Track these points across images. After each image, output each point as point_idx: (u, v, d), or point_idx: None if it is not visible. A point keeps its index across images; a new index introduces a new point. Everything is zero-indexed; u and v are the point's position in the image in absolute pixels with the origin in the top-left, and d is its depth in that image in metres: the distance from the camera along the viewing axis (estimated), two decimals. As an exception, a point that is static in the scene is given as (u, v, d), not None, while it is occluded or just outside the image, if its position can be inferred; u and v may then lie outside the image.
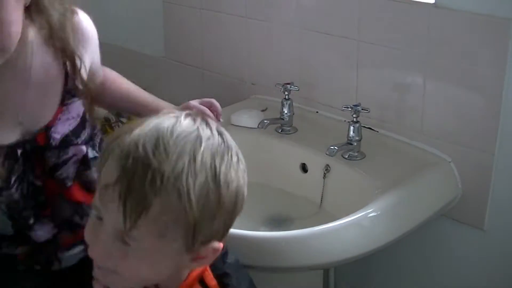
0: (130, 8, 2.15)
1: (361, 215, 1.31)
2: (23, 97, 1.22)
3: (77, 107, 1.29)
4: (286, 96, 1.64)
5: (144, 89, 2.18)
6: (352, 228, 1.31)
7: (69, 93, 1.26)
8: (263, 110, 1.74)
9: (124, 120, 2.20)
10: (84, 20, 1.30)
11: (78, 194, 1.32)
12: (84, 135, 1.32)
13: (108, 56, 2.27)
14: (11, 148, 1.22)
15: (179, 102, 2.10)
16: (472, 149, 1.46)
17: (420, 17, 1.46)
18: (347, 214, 1.32)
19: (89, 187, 1.31)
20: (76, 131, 1.29)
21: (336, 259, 1.32)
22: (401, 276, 1.70)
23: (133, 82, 2.20)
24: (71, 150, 1.29)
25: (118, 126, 2.19)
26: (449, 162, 1.50)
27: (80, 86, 1.27)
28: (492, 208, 1.47)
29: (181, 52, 2.02)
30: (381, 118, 1.59)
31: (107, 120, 2.16)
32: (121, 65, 2.26)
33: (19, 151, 1.23)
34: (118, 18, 2.20)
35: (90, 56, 1.32)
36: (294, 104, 1.65)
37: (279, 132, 1.66)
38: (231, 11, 1.83)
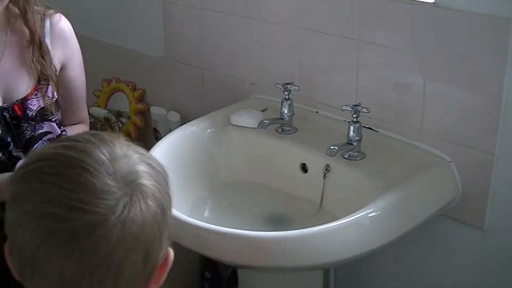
0: (130, 8, 2.15)
1: (361, 215, 1.31)
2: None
3: (53, 90, 1.45)
4: (286, 96, 1.63)
5: (144, 89, 2.19)
6: (352, 228, 1.31)
7: (45, 76, 1.43)
8: (263, 110, 1.73)
9: (124, 120, 2.20)
10: (64, 23, 1.47)
11: None
12: (58, 115, 1.46)
13: (108, 56, 2.28)
14: None
15: (179, 102, 2.10)
16: (472, 149, 1.46)
17: (420, 17, 1.46)
18: (347, 214, 1.32)
19: None
20: (51, 107, 1.44)
21: (336, 259, 1.32)
22: (401, 276, 1.70)
23: (133, 82, 2.20)
24: (46, 126, 1.43)
25: (118, 126, 2.19)
26: (449, 162, 1.50)
27: (51, 76, 1.43)
28: (492, 208, 1.46)
29: (181, 52, 2.02)
30: (381, 118, 1.59)
31: (107, 120, 2.16)
32: (121, 65, 2.27)
33: None
34: (118, 18, 2.20)
35: (63, 55, 1.47)
36: (294, 104, 1.65)
37: (279, 132, 1.66)
38: (231, 11, 1.82)
